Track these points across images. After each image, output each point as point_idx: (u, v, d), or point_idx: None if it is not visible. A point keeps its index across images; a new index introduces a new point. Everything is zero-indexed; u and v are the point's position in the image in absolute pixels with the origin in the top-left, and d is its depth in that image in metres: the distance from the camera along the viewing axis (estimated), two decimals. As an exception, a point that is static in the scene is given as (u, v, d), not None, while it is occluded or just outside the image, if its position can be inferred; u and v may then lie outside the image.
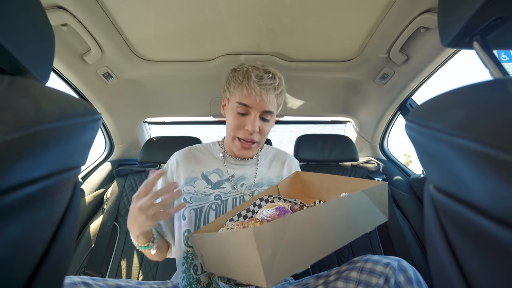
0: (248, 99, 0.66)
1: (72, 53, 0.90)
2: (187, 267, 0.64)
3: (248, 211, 0.66)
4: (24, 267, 0.19)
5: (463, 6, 0.34)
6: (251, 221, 0.54)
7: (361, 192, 0.51)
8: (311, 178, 0.75)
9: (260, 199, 0.67)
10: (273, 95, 0.67)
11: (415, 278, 0.51)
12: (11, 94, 0.19)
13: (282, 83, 0.70)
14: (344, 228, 0.48)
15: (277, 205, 0.60)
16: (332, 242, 0.46)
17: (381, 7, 0.77)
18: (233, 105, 0.69)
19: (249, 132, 0.67)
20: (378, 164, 1.36)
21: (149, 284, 0.68)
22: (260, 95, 0.65)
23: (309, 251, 0.42)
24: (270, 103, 0.67)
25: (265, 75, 0.67)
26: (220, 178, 0.72)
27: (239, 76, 0.68)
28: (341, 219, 0.48)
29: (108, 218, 1.09)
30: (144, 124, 1.49)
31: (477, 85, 0.21)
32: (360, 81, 1.16)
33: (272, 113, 0.69)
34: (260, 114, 0.67)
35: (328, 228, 0.45)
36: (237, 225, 0.54)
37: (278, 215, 0.56)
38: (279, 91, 0.69)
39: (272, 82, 0.67)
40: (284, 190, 0.74)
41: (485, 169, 0.16)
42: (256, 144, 0.70)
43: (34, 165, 0.18)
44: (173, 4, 0.76)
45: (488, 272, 0.18)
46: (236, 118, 0.68)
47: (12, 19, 0.25)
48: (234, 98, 0.69)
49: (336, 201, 0.47)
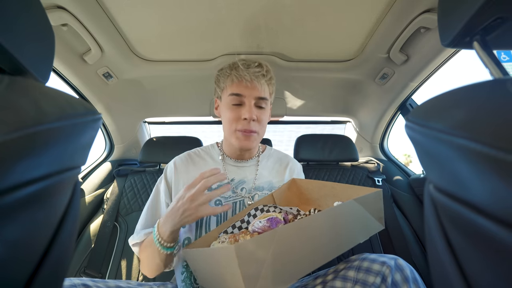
0: (239, 87, 0.66)
1: (72, 53, 0.90)
2: (187, 276, 0.64)
3: (242, 221, 0.64)
4: (24, 267, 0.19)
5: (463, 6, 0.34)
6: (241, 234, 0.53)
7: (353, 201, 0.49)
8: (308, 185, 0.73)
9: (255, 209, 0.65)
10: (264, 81, 0.68)
11: (412, 276, 0.51)
12: (11, 94, 0.19)
13: (270, 71, 0.71)
14: (335, 240, 0.47)
15: (270, 215, 0.58)
16: (322, 254, 0.44)
17: (381, 7, 0.77)
18: (226, 100, 0.69)
19: (247, 121, 0.66)
20: (378, 164, 1.36)
21: (149, 285, 0.67)
22: (251, 81, 0.65)
23: (298, 265, 0.40)
24: (262, 89, 0.67)
25: (252, 64, 0.68)
26: (220, 183, 0.71)
27: (226, 70, 0.69)
28: (332, 230, 0.46)
29: (108, 218, 1.09)
30: (144, 124, 1.49)
31: (477, 85, 0.21)
32: (360, 81, 1.16)
33: (266, 99, 0.69)
34: (254, 102, 0.67)
35: (318, 240, 0.44)
36: (229, 238, 0.53)
37: (269, 226, 0.54)
38: (269, 78, 0.69)
39: (260, 70, 0.67)
40: (279, 199, 0.72)
41: (485, 169, 0.16)
42: (256, 135, 0.69)
43: (34, 165, 0.18)
44: (173, 4, 0.76)
45: (488, 272, 0.18)
46: (232, 110, 0.68)
47: (12, 19, 0.25)
48: (226, 93, 0.69)
49: (326, 212, 0.45)
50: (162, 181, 0.73)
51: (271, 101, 0.75)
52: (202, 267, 0.50)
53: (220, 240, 0.55)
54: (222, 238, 0.56)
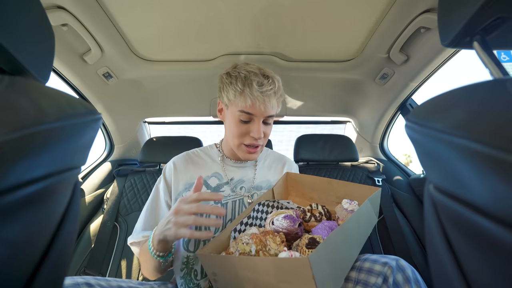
0: (252, 108, 0.64)
1: (72, 53, 0.90)
2: (187, 272, 0.63)
3: (249, 217, 0.65)
4: (24, 267, 0.19)
5: (463, 6, 0.34)
6: (268, 235, 0.53)
7: (368, 202, 0.56)
8: (302, 179, 0.76)
9: (259, 204, 0.67)
10: (274, 100, 0.67)
11: (413, 277, 0.51)
12: (11, 94, 0.19)
13: (280, 85, 0.70)
14: (360, 237, 0.53)
15: (282, 213, 0.59)
16: (355, 249, 0.50)
17: (381, 7, 0.77)
18: (234, 113, 0.67)
19: (255, 138, 0.67)
20: (378, 164, 1.36)
21: (150, 285, 0.67)
22: (264, 103, 0.64)
23: (343, 265, 0.45)
24: (273, 108, 0.67)
25: (265, 81, 0.65)
26: (219, 182, 0.72)
27: (238, 84, 0.65)
28: (358, 229, 0.52)
29: (108, 218, 1.09)
30: (144, 124, 1.49)
31: (477, 85, 0.21)
32: (360, 81, 1.16)
33: (274, 116, 0.70)
34: (263, 119, 0.67)
35: (352, 238, 0.49)
36: (252, 239, 0.52)
37: (292, 226, 0.56)
38: (279, 95, 0.69)
39: (272, 87, 0.66)
40: (278, 193, 0.74)
41: (485, 169, 0.16)
42: (261, 147, 0.71)
43: (34, 165, 0.18)
44: (173, 4, 0.76)
45: (488, 272, 0.18)
46: (239, 126, 0.67)
47: (12, 19, 0.25)
48: (235, 107, 0.67)
49: (356, 213, 0.51)
50: (161, 181, 0.73)
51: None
52: (233, 274, 0.48)
53: (243, 241, 0.53)
54: (243, 239, 0.53)
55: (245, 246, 0.52)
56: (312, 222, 0.61)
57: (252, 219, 0.65)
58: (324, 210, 0.64)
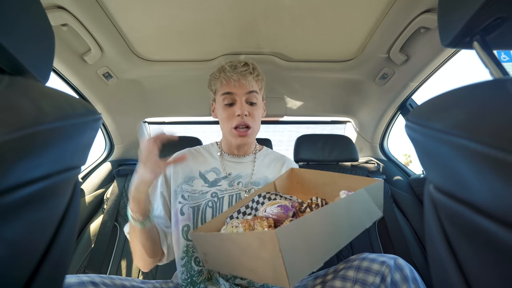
0: (228, 86, 0.70)
1: (72, 53, 0.90)
2: (188, 260, 0.65)
3: (247, 207, 0.66)
4: (24, 266, 0.19)
5: (463, 6, 0.34)
6: (256, 219, 0.54)
7: (363, 190, 0.54)
8: (307, 175, 0.76)
9: (258, 195, 0.67)
10: (251, 78, 0.71)
11: (411, 276, 0.51)
12: (11, 94, 0.19)
13: (257, 69, 0.74)
14: (350, 224, 0.51)
15: (278, 203, 0.60)
16: (341, 239, 0.48)
17: (381, 7, 0.77)
18: (219, 100, 0.73)
19: (240, 116, 0.70)
20: (378, 164, 1.36)
21: (152, 284, 0.68)
22: (238, 80, 0.70)
23: (323, 248, 0.44)
24: (250, 85, 0.71)
25: (238, 64, 0.72)
26: (217, 176, 0.73)
27: (215, 73, 0.75)
28: (348, 215, 0.51)
29: (108, 218, 1.09)
30: (144, 124, 1.49)
31: (477, 85, 0.21)
32: (360, 81, 1.16)
33: (256, 92, 0.72)
34: (245, 98, 0.71)
35: (338, 224, 0.48)
36: (241, 223, 0.54)
37: (283, 213, 0.57)
38: (256, 74, 0.73)
39: (247, 68, 0.71)
40: (281, 187, 0.74)
41: (485, 169, 0.16)
42: (251, 130, 0.72)
43: (34, 165, 0.18)
44: (173, 4, 0.76)
45: (488, 272, 0.18)
46: (225, 109, 0.72)
47: (12, 19, 0.25)
48: (218, 94, 0.73)
49: (344, 200, 0.50)
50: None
51: (263, 97, 0.78)
52: (219, 251, 0.51)
53: (233, 225, 0.56)
54: (234, 223, 0.56)
55: (233, 229, 0.54)
56: (307, 212, 0.62)
57: (250, 209, 0.66)
58: (322, 202, 0.64)
